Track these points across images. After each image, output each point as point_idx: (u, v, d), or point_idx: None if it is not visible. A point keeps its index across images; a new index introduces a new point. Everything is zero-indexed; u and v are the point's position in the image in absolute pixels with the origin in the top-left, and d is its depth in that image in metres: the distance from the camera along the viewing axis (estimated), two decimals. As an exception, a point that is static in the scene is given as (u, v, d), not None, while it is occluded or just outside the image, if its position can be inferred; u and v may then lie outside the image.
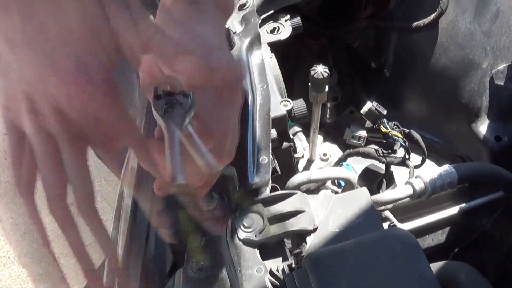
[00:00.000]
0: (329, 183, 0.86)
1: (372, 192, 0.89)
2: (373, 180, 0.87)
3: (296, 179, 0.70)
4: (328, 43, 1.00)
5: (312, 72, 0.77)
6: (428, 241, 0.93)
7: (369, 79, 1.05)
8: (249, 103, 0.74)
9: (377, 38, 1.02)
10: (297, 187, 0.70)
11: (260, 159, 0.68)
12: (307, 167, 0.91)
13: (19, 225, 2.05)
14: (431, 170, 0.75)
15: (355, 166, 0.92)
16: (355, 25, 1.01)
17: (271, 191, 0.66)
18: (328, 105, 0.95)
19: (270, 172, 0.66)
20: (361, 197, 0.64)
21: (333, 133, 0.98)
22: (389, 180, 0.89)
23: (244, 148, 0.70)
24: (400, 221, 0.85)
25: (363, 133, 0.95)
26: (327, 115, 0.98)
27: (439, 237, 0.94)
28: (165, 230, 0.62)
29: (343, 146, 0.97)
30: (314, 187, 0.87)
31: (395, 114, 1.00)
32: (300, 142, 0.92)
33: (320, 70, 0.77)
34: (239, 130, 0.51)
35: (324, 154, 0.91)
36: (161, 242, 0.70)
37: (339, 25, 1.01)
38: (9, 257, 1.91)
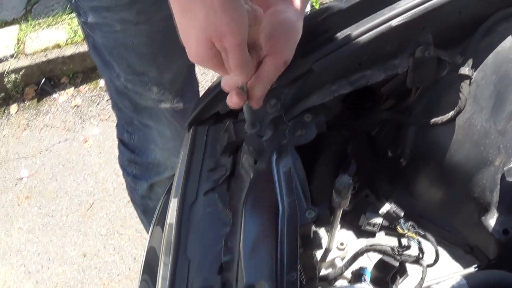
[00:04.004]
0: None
1: (386, 284, 0.94)
2: (388, 272, 0.92)
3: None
4: (348, 134, 1.04)
5: (337, 183, 0.81)
6: None
7: (385, 165, 1.09)
8: (279, 213, 0.78)
9: (395, 130, 1.06)
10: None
11: (289, 275, 0.72)
12: (324, 256, 0.95)
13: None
14: (444, 282, 0.79)
15: (370, 255, 0.97)
16: (375, 115, 1.05)
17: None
18: (346, 193, 0.99)
19: (298, 289, 0.70)
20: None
21: (349, 216, 1.02)
22: (403, 271, 0.93)
23: (272, 263, 0.74)
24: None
25: (378, 220, 0.99)
26: (345, 202, 1.02)
27: None
28: None
29: (359, 231, 1.01)
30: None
31: (409, 200, 1.04)
32: (318, 230, 0.96)
33: (345, 180, 0.81)
34: None
35: (341, 244, 0.96)
36: None
37: (360, 116, 1.05)
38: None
